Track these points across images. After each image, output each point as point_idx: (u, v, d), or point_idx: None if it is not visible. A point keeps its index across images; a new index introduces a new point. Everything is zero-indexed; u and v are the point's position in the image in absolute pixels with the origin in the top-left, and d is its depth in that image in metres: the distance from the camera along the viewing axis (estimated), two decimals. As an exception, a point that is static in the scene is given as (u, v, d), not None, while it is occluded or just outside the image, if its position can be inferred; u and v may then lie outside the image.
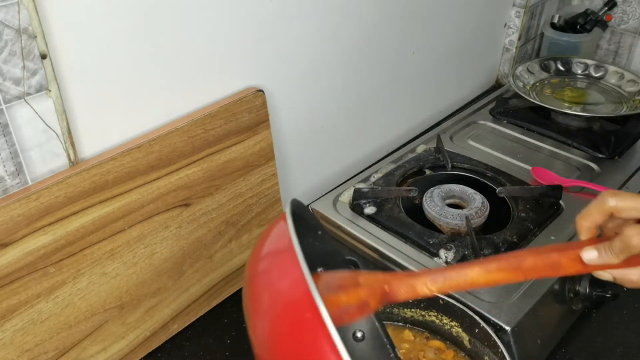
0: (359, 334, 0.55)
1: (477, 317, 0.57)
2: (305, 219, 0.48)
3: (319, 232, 0.51)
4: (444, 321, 0.60)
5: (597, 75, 1.05)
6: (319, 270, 0.49)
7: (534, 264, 0.42)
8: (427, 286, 0.42)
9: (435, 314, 0.61)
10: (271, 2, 0.69)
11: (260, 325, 0.40)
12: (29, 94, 0.51)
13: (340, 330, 0.41)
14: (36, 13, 0.49)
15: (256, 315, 0.40)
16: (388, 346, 0.56)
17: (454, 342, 0.61)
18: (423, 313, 0.61)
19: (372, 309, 0.42)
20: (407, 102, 1.00)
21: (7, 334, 0.53)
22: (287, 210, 0.42)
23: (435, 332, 0.62)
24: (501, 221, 0.72)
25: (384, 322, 0.62)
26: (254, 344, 0.40)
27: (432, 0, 0.94)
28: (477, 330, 0.57)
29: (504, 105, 0.99)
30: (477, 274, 0.42)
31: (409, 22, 0.92)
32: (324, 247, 0.51)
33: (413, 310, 0.62)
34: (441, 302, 0.60)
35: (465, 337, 0.59)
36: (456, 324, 0.60)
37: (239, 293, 0.73)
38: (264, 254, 0.42)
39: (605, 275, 0.43)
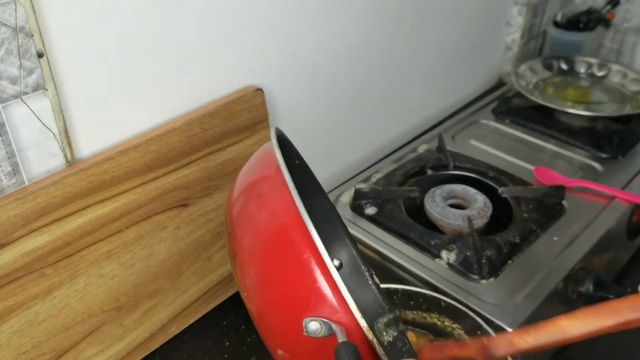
0: (336, 263, 0.54)
1: (479, 319, 0.57)
2: (285, 147, 0.48)
3: (297, 162, 0.52)
4: (446, 323, 0.60)
5: (600, 74, 1.04)
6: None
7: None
8: (523, 339, 0.44)
9: (437, 316, 0.60)
10: (271, 0, 0.68)
11: (249, 240, 0.40)
12: (25, 93, 0.51)
13: None
14: (33, 12, 0.48)
15: (245, 232, 0.40)
16: (366, 273, 0.54)
17: (455, 344, 0.60)
18: (425, 315, 0.61)
19: None
20: (408, 102, 1.00)
21: (3, 335, 0.52)
22: (273, 135, 0.42)
23: (438, 334, 0.61)
24: (503, 222, 0.72)
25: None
26: (241, 262, 0.40)
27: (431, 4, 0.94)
28: (479, 332, 0.57)
29: (506, 104, 0.98)
30: (569, 323, 0.43)
31: (410, 21, 0.91)
32: (301, 176, 0.51)
33: (415, 312, 0.61)
34: (443, 304, 0.59)
35: (467, 340, 0.58)
36: (458, 326, 0.59)
37: (238, 295, 0.72)
38: (253, 178, 0.42)
39: None
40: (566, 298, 0.65)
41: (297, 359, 0.39)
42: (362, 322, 0.35)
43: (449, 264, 0.65)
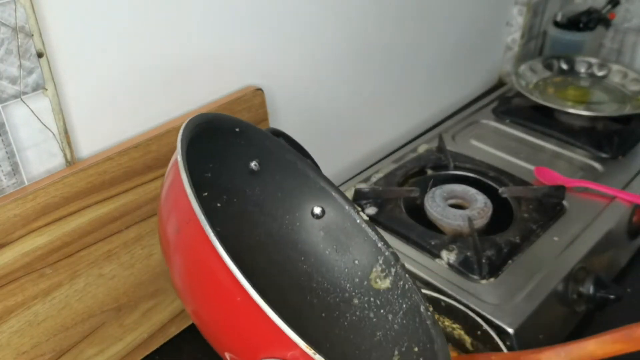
0: (317, 210, 0.54)
1: (479, 319, 0.57)
2: (218, 126, 0.48)
3: (237, 130, 0.50)
4: (446, 323, 0.60)
5: (600, 74, 1.04)
6: (252, 164, 0.51)
7: None
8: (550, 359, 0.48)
9: (437, 316, 0.60)
10: (271, 1, 0.68)
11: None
12: (25, 93, 0.50)
13: (300, 210, 0.51)
14: (33, 11, 0.48)
15: (179, 277, 0.39)
16: (351, 210, 0.54)
17: (456, 344, 0.60)
18: (424, 315, 0.61)
19: None
20: (408, 101, 1.00)
21: (3, 335, 0.52)
22: (178, 150, 0.41)
23: (437, 334, 0.61)
24: (504, 222, 0.72)
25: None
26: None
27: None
28: (479, 332, 0.57)
29: (506, 104, 0.98)
30: (594, 347, 0.47)
31: (410, 21, 0.91)
32: (252, 141, 0.51)
33: (414, 312, 0.61)
34: (443, 304, 0.59)
35: (467, 340, 0.58)
36: (458, 327, 0.59)
37: (238, 294, 0.72)
38: (169, 208, 0.41)
39: None
40: (566, 298, 0.65)
41: None
42: (318, 358, 0.33)
43: (449, 264, 0.65)
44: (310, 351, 0.32)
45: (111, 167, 0.57)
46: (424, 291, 0.60)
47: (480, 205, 0.71)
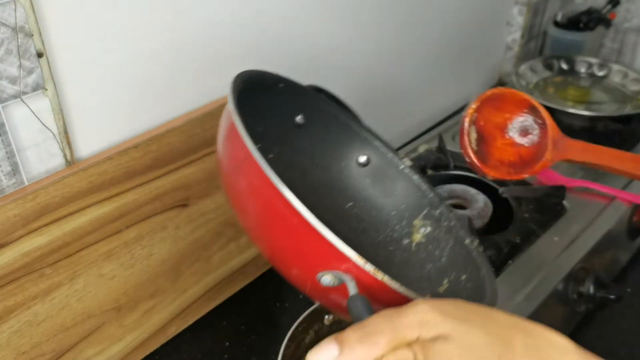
0: (362, 159, 0.59)
1: (479, 320, 0.56)
2: (263, 83, 0.52)
3: (280, 85, 0.55)
4: (446, 323, 0.60)
5: (600, 74, 1.04)
6: (298, 118, 0.56)
7: None
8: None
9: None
10: (271, 1, 0.68)
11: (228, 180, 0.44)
12: (25, 93, 0.50)
13: (347, 160, 0.57)
14: (32, 11, 0.48)
15: (240, 210, 0.44)
16: (394, 158, 0.59)
17: (455, 344, 0.60)
18: (424, 315, 0.61)
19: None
20: (408, 101, 0.99)
21: (3, 336, 0.52)
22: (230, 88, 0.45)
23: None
24: (504, 222, 0.72)
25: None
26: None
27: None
28: (479, 332, 0.57)
29: (506, 104, 0.98)
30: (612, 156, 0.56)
31: (410, 21, 0.91)
32: (296, 97, 0.56)
33: (414, 312, 0.61)
34: (443, 304, 0.59)
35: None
36: (458, 326, 0.59)
37: (238, 295, 0.72)
38: (226, 150, 0.44)
39: None
40: (566, 298, 0.65)
41: (326, 306, 0.44)
42: (369, 268, 0.36)
43: (449, 264, 0.65)
44: (360, 261, 0.36)
45: (111, 167, 0.57)
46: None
47: (480, 205, 0.71)
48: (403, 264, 0.54)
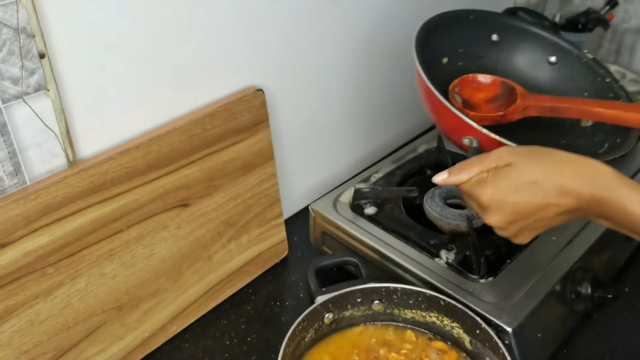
0: (552, 59, 0.80)
1: (478, 319, 0.57)
2: (456, 18, 0.77)
3: (471, 17, 0.79)
4: (445, 322, 0.60)
5: (599, 74, 1.04)
6: (493, 37, 0.81)
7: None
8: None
9: (436, 315, 0.60)
10: (271, 1, 0.68)
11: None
12: (27, 94, 0.51)
13: (541, 61, 0.81)
14: (35, 12, 0.49)
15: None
16: (580, 53, 0.78)
17: (455, 343, 0.60)
18: (424, 314, 0.61)
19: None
20: (407, 101, 1.00)
21: (5, 335, 0.53)
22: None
23: (437, 333, 0.61)
24: (502, 221, 0.72)
25: (385, 322, 0.62)
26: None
27: (433, 0, 0.94)
28: (478, 331, 0.57)
29: (505, 104, 0.98)
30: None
31: (409, 20, 0.91)
32: (487, 21, 0.80)
33: (414, 311, 0.61)
34: (442, 303, 0.59)
35: (466, 339, 0.59)
36: (457, 325, 0.59)
37: (238, 294, 0.72)
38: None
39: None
40: (565, 298, 0.65)
41: (463, 150, 0.68)
42: (485, 131, 0.63)
43: (448, 263, 0.66)
44: (483, 129, 0.63)
45: (112, 167, 0.57)
46: (423, 290, 0.60)
47: (479, 205, 0.72)
48: (575, 136, 0.75)
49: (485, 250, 0.66)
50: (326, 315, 0.59)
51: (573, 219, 0.53)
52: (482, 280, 0.63)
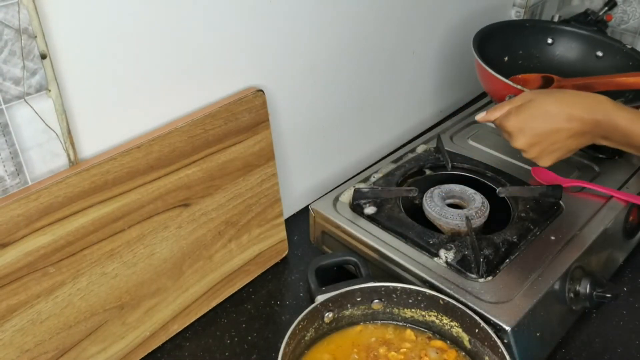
0: (599, 54, 0.95)
1: (477, 318, 0.57)
2: (513, 26, 0.99)
3: (527, 25, 1.00)
4: (444, 321, 0.60)
5: (597, 74, 1.05)
6: (548, 40, 1.00)
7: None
8: None
9: (435, 314, 0.61)
10: (271, 2, 0.69)
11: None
12: (28, 94, 0.51)
13: (587, 56, 0.98)
14: (36, 13, 0.49)
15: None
16: (624, 48, 0.93)
17: (454, 342, 0.61)
18: (423, 313, 0.61)
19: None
20: (407, 102, 1.00)
21: (6, 334, 0.53)
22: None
23: (436, 332, 0.62)
24: (501, 221, 0.72)
25: (385, 321, 0.63)
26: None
27: (432, 0, 0.94)
28: (477, 330, 0.57)
29: (504, 105, 0.99)
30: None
31: (409, 22, 0.92)
32: (542, 28, 1.00)
33: (413, 310, 0.62)
34: (441, 302, 0.60)
35: (465, 338, 0.59)
36: (456, 324, 0.60)
37: (238, 293, 0.73)
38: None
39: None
40: (563, 297, 0.65)
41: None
42: (520, 87, 0.78)
43: (447, 262, 0.66)
44: (518, 86, 0.78)
45: (114, 167, 0.57)
46: (423, 289, 0.60)
47: (478, 205, 0.72)
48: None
49: (484, 250, 0.66)
50: (326, 314, 0.60)
51: (583, 143, 0.66)
52: (481, 280, 0.64)
